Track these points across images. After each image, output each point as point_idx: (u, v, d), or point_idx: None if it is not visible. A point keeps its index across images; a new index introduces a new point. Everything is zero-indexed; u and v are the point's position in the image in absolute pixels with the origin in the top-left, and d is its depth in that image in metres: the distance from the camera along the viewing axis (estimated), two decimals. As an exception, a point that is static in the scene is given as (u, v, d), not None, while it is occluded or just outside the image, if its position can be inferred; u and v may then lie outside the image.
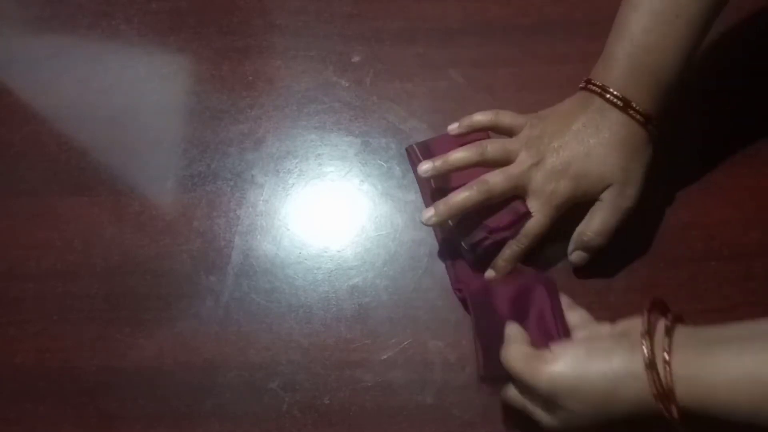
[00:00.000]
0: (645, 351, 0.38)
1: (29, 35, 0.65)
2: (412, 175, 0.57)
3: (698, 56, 0.48)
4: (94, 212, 0.56)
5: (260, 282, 0.53)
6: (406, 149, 0.56)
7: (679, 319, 0.41)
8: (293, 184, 0.57)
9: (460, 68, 0.61)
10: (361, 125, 0.59)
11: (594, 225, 0.49)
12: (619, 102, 0.47)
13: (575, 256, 0.51)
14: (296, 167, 0.58)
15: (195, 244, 0.55)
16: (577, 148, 0.48)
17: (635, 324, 0.41)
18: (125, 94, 0.61)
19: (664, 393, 0.37)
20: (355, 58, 0.62)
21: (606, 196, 0.48)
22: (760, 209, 0.54)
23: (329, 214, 0.56)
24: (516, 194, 0.49)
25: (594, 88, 0.48)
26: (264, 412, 0.49)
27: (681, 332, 0.40)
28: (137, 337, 0.52)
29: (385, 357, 0.51)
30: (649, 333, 0.39)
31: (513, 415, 0.48)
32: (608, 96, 0.47)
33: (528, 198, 0.49)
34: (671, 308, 0.42)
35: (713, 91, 0.59)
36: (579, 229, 0.50)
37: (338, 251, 0.54)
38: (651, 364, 0.38)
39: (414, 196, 0.56)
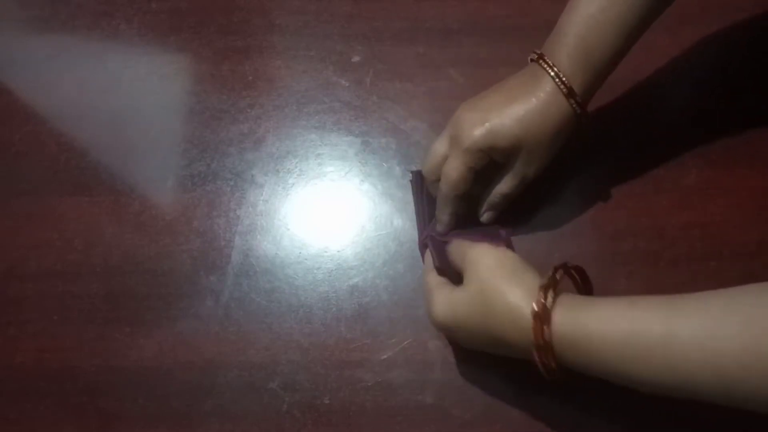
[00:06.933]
0: (534, 303, 0.40)
1: (29, 35, 0.65)
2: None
3: (699, 56, 0.47)
4: (94, 212, 0.56)
5: (260, 282, 0.53)
6: (411, 175, 0.55)
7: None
8: (293, 184, 0.57)
9: (460, 68, 0.61)
10: (361, 125, 0.59)
11: (503, 189, 0.50)
12: (550, 71, 0.48)
13: (486, 216, 0.52)
14: (296, 167, 0.58)
15: (195, 244, 0.55)
16: (502, 102, 0.48)
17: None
18: (125, 94, 0.61)
19: (545, 345, 0.39)
20: (355, 58, 0.62)
21: (517, 162, 0.49)
22: (760, 209, 0.54)
23: (329, 214, 0.56)
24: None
25: (534, 56, 0.49)
26: (264, 412, 0.49)
27: (566, 295, 0.41)
28: (137, 337, 0.52)
29: (385, 357, 0.51)
30: (547, 287, 0.40)
31: (513, 414, 0.49)
32: (542, 63, 0.48)
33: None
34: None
35: (713, 90, 0.59)
36: (496, 190, 0.51)
37: (338, 251, 0.54)
38: (536, 315, 0.39)
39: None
